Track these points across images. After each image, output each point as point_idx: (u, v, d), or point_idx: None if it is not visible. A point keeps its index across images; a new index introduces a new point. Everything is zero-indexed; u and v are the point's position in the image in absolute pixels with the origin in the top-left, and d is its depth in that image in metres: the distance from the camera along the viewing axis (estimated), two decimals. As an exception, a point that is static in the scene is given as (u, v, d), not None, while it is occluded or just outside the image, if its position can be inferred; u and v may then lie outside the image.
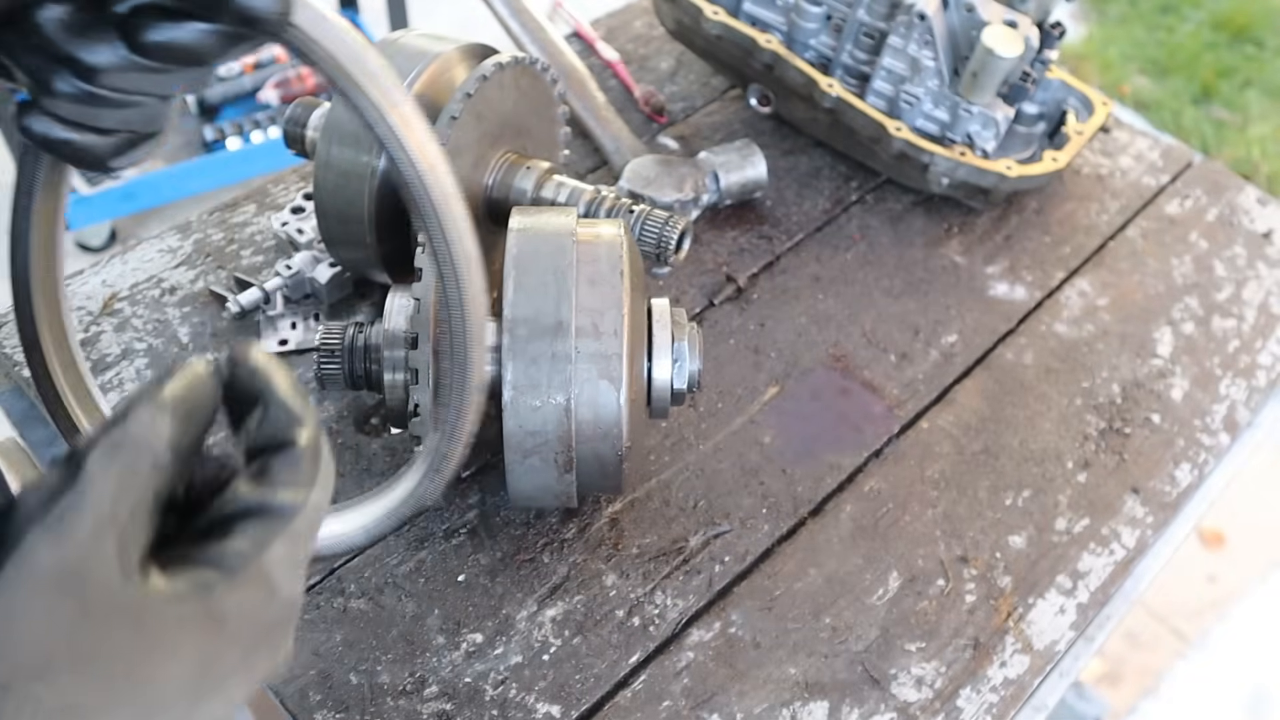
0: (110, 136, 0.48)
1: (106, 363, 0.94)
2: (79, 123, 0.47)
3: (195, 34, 0.45)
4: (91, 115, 0.47)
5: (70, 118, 0.47)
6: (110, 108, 0.47)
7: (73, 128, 0.47)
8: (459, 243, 0.50)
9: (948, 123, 1.11)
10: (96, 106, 0.46)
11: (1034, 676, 0.83)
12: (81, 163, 0.48)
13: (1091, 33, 3.46)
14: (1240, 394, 1.05)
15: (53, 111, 0.47)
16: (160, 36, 0.44)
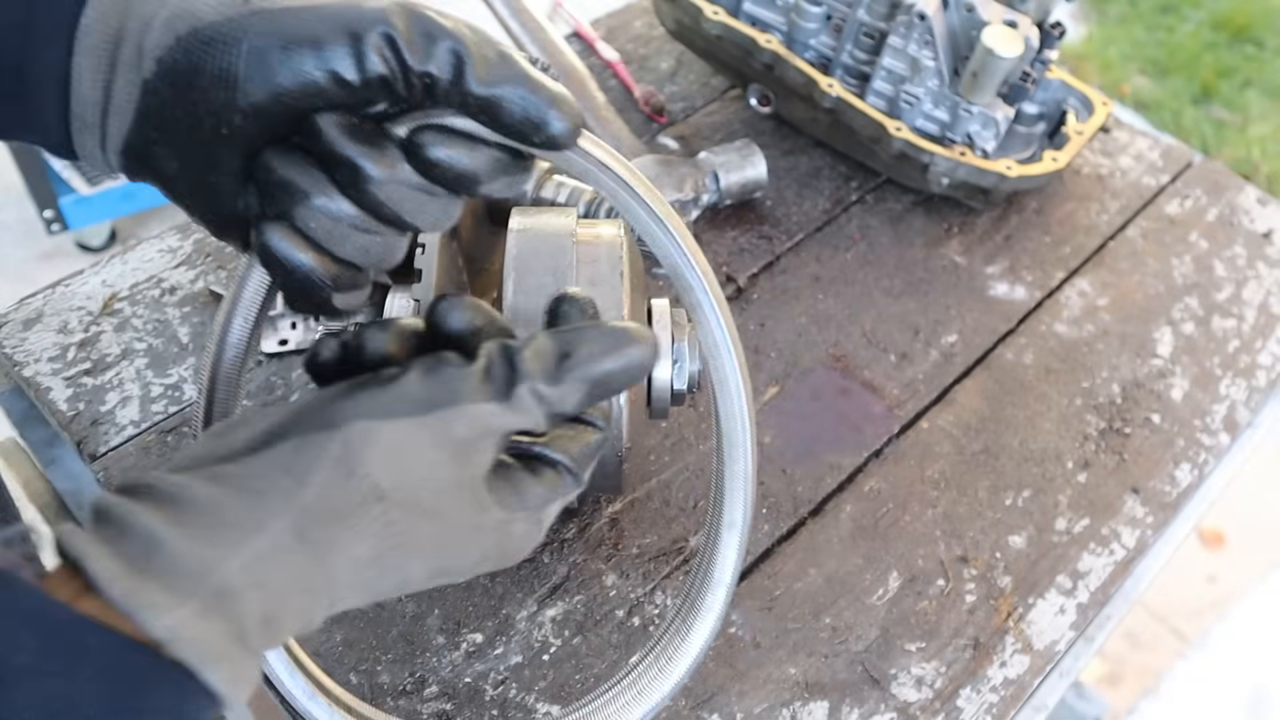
0: (342, 269, 0.46)
1: (106, 363, 0.94)
2: (321, 245, 0.44)
3: (484, 155, 0.45)
4: (339, 236, 0.44)
5: (316, 237, 0.44)
6: (360, 231, 0.45)
7: (313, 250, 0.44)
8: (737, 351, 0.52)
9: (948, 123, 1.11)
10: (348, 227, 0.44)
11: (1034, 676, 0.83)
12: (305, 293, 0.46)
13: (1091, 33, 3.46)
14: (1240, 394, 1.05)
15: (300, 228, 0.44)
16: (445, 153, 0.44)
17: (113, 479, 0.86)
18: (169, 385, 0.93)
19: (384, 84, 0.43)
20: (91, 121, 0.46)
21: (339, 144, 0.43)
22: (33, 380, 0.92)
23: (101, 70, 0.45)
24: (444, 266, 0.77)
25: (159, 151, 0.45)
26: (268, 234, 0.45)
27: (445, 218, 0.47)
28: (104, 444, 0.88)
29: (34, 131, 0.47)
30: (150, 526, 0.37)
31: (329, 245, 0.45)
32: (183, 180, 0.46)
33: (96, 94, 0.45)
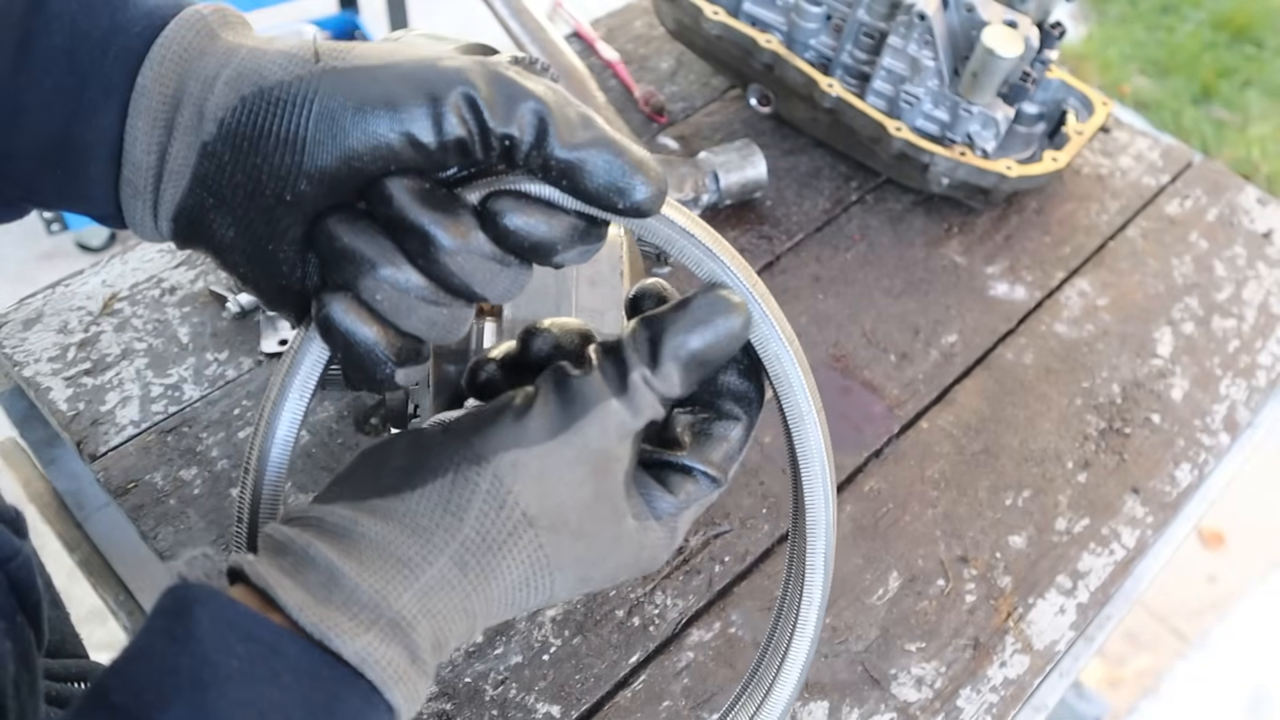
0: (406, 342, 0.44)
1: (106, 363, 0.94)
2: (385, 318, 0.42)
3: (562, 222, 0.43)
4: (406, 309, 0.42)
5: (380, 309, 0.42)
6: (427, 303, 0.42)
7: (378, 323, 0.42)
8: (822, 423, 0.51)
9: (948, 123, 1.11)
10: (415, 299, 0.42)
11: (1034, 676, 0.83)
12: (366, 369, 0.43)
13: (1091, 33, 3.46)
14: (1240, 394, 1.05)
15: (365, 300, 0.42)
16: (522, 220, 0.42)
17: (112, 479, 0.86)
18: (169, 385, 0.93)
19: (461, 147, 0.41)
20: (144, 187, 0.44)
21: (410, 210, 0.41)
22: (33, 380, 0.92)
23: (157, 133, 0.43)
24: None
25: (214, 219, 0.44)
26: (331, 306, 0.42)
27: (515, 288, 0.44)
28: (104, 444, 0.88)
29: (82, 200, 0.46)
30: (329, 561, 0.39)
31: (393, 318, 0.42)
32: (238, 249, 0.44)
33: (151, 159, 0.43)
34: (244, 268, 0.45)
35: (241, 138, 0.42)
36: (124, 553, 1.00)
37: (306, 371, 0.46)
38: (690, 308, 0.45)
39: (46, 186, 0.45)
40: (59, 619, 0.53)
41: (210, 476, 0.87)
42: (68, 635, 0.53)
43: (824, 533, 0.51)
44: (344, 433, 0.91)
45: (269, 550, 0.41)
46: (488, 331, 0.79)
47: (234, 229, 0.44)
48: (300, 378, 0.46)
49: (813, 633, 0.52)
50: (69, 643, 0.52)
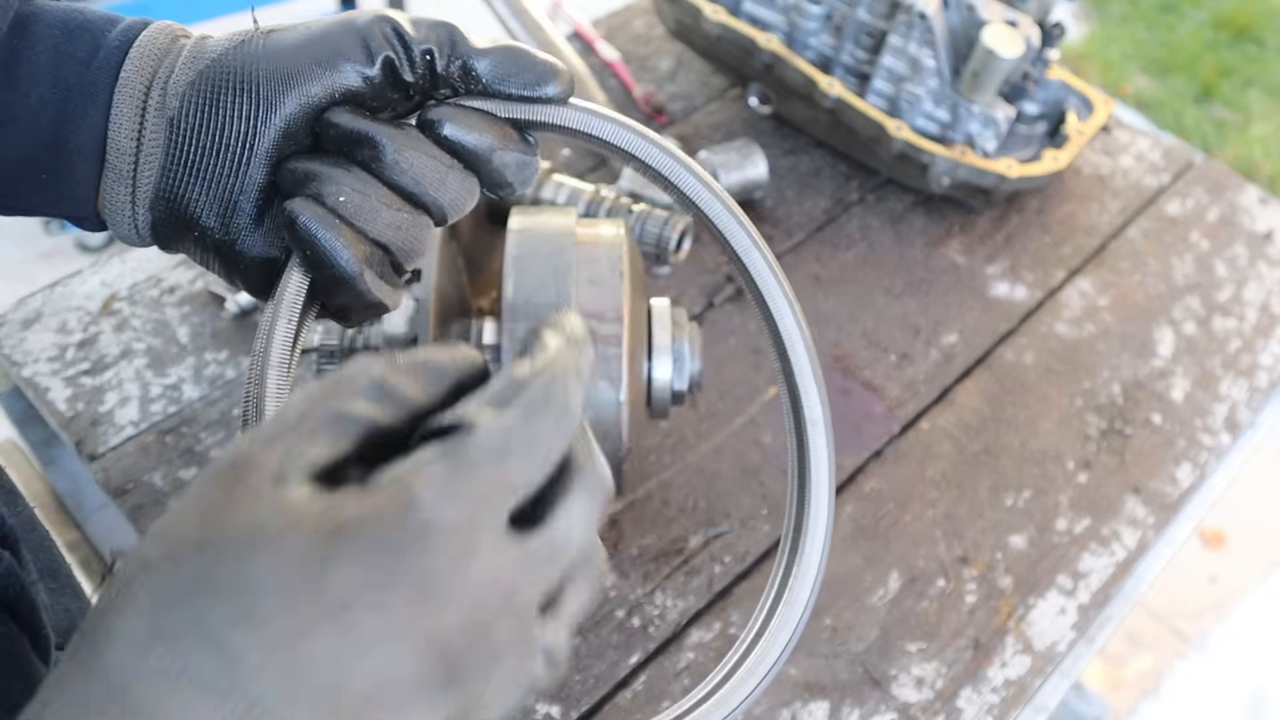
0: (373, 250, 0.47)
1: (105, 363, 0.94)
2: (351, 222, 0.46)
3: (493, 127, 0.48)
4: (369, 212, 0.46)
5: (345, 213, 0.46)
6: (387, 207, 0.46)
7: (344, 225, 0.46)
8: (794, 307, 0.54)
9: (948, 122, 1.11)
10: (375, 201, 0.46)
11: (1035, 677, 0.83)
12: (338, 279, 0.46)
13: (1092, 32, 3.45)
14: (1241, 394, 1.05)
15: (329, 206, 0.46)
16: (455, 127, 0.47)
17: (111, 479, 0.86)
18: (168, 385, 0.93)
19: (392, 70, 0.47)
20: (124, 170, 0.48)
21: (357, 124, 0.46)
22: (32, 380, 0.92)
23: (135, 117, 0.48)
24: (444, 266, 0.77)
25: (188, 187, 0.48)
26: (295, 208, 0.46)
27: (465, 195, 0.48)
28: (103, 444, 0.88)
29: (65, 201, 0.49)
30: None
31: (358, 221, 0.46)
32: (213, 213, 0.48)
33: (131, 142, 0.48)
34: (219, 234, 0.48)
35: (204, 103, 0.47)
36: (123, 553, 1.00)
37: (291, 296, 0.48)
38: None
39: (30, 192, 0.49)
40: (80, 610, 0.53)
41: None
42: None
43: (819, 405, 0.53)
44: (343, 433, 0.91)
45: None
46: (488, 330, 0.79)
47: (206, 193, 0.48)
48: (287, 303, 0.48)
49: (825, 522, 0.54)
50: None
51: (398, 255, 0.48)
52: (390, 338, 0.77)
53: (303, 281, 0.48)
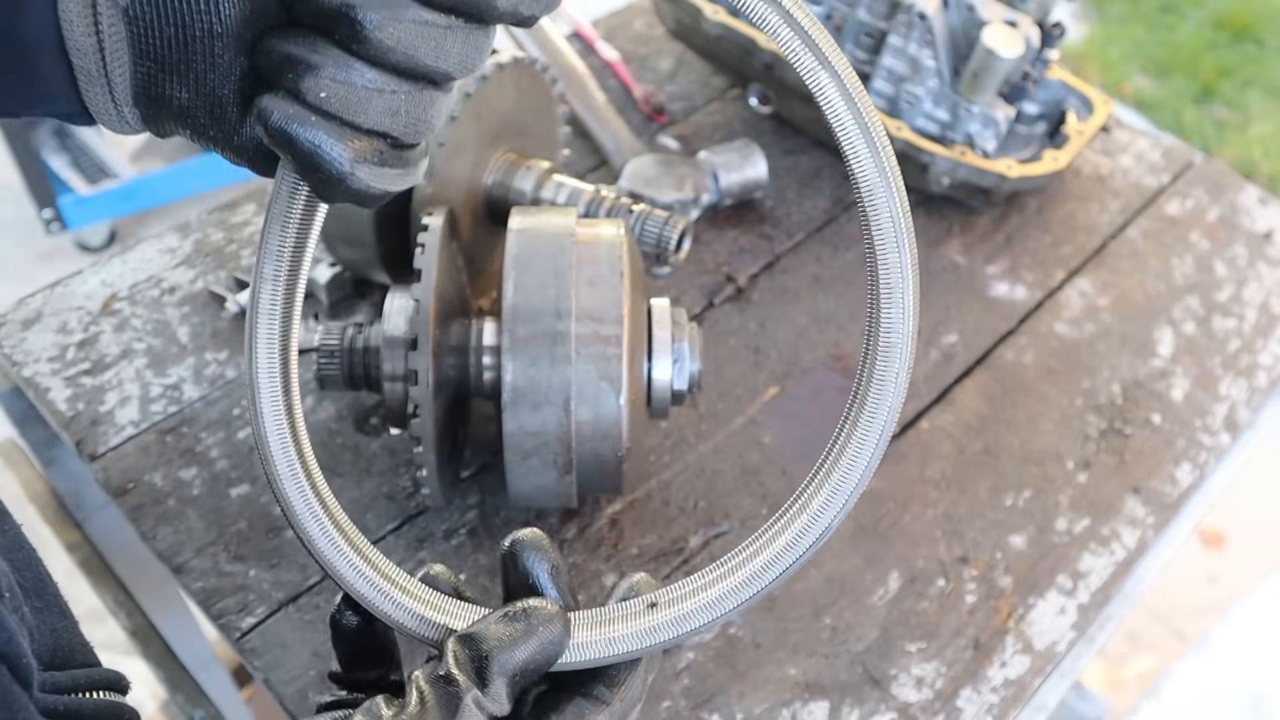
0: (371, 141, 0.42)
1: (106, 363, 0.94)
2: (336, 114, 0.40)
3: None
4: (358, 103, 0.40)
5: (330, 109, 0.40)
6: (379, 92, 0.40)
7: (325, 122, 0.40)
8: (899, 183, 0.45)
9: (948, 122, 1.11)
10: (364, 90, 0.40)
11: (1034, 677, 0.83)
12: (321, 170, 0.41)
13: (1092, 32, 3.45)
14: (1241, 394, 1.05)
15: (309, 100, 0.40)
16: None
17: (111, 479, 0.86)
18: (168, 385, 0.93)
19: None
20: (94, 72, 0.44)
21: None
22: (32, 380, 0.92)
23: (86, 14, 0.43)
24: (444, 266, 0.77)
25: (165, 83, 0.43)
26: (265, 106, 0.41)
27: (474, 53, 0.42)
28: (103, 444, 0.88)
29: (45, 99, 0.45)
30: None
31: (349, 116, 0.40)
32: (200, 110, 0.43)
33: (90, 40, 0.43)
34: (213, 130, 0.44)
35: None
36: (123, 553, 1.00)
37: (285, 198, 0.45)
38: (509, 620, 0.45)
39: (13, 90, 0.45)
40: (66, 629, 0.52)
41: (210, 477, 0.87)
42: (76, 645, 0.52)
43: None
44: (344, 432, 0.91)
45: None
46: (487, 330, 0.79)
47: (186, 89, 0.43)
48: (280, 206, 0.45)
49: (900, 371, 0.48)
50: (78, 653, 0.51)
51: (401, 138, 0.42)
52: (390, 338, 0.77)
53: (296, 182, 0.44)
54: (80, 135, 2.50)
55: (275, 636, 0.78)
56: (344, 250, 0.94)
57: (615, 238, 0.77)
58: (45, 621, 0.50)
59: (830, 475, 0.50)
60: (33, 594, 0.51)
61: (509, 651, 0.44)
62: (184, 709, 0.97)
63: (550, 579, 0.48)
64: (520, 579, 0.48)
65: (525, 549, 0.48)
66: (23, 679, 0.44)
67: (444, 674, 0.43)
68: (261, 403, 0.46)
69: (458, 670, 0.43)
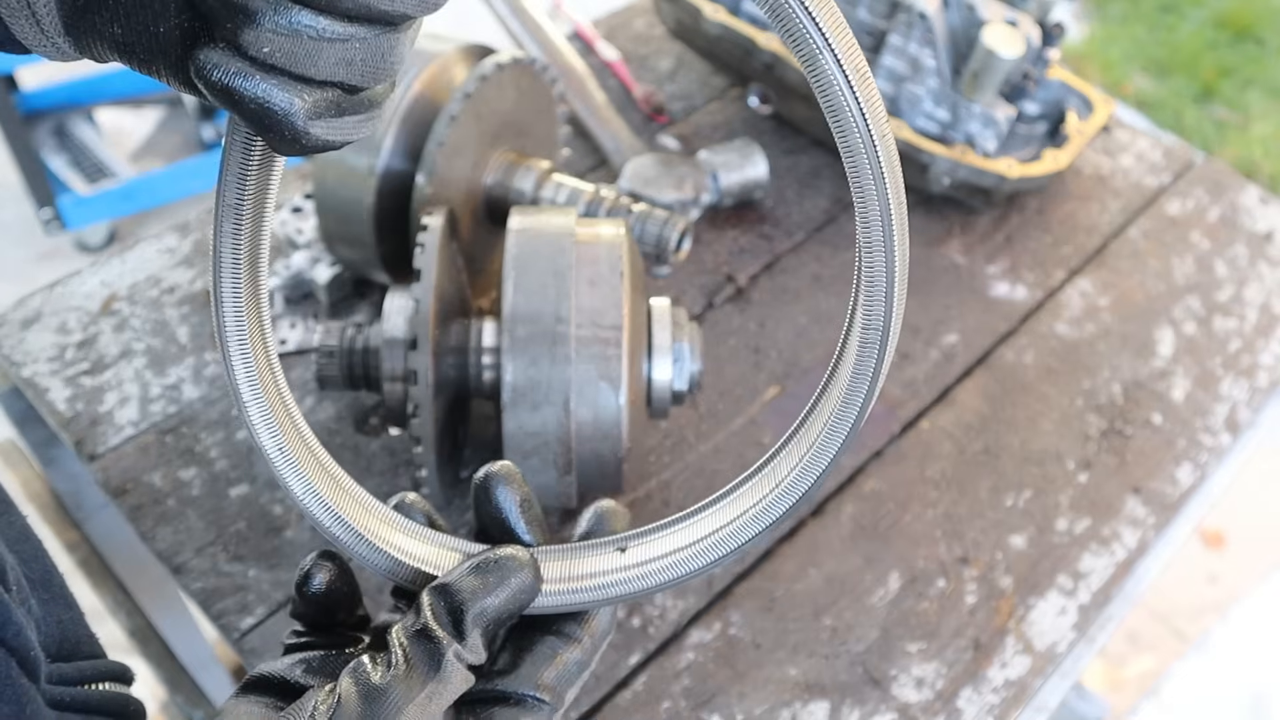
0: (324, 93, 0.37)
1: (105, 363, 0.94)
2: (284, 69, 0.36)
3: None
4: (307, 54, 0.35)
5: (277, 63, 0.35)
6: (329, 41, 0.35)
7: (272, 77, 0.36)
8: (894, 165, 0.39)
9: (948, 122, 1.11)
10: (310, 40, 0.35)
11: (1035, 677, 0.83)
12: (273, 130, 0.37)
13: (1093, 32, 3.45)
14: (1242, 394, 1.05)
15: (251, 54, 0.35)
16: None
17: (111, 479, 0.86)
18: (168, 385, 0.93)
19: None
20: (14, 3, 0.39)
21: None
22: (31, 380, 0.92)
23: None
24: (444, 266, 0.76)
25: (95, 17, 0.38)
26: (204, 61, 0.36)
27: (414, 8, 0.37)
28: (103, 444, 0.88)
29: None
30: None
31: (299, 69, 0.36)
32: (136, 42, 0.39)
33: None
34: (158, 63, 0.39)
35: None
36: (123, 553, 1.00)
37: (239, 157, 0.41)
38: (481, 570, 0.46)
39: None
40: (72, 620, 0.52)
41: (209, 477, 0.87)
42: (82, 637, 0.52)
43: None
44: (343, 433, 0.91)
45: None
46: (487, 330, 0.79)
47: (118, 24, 0.38)
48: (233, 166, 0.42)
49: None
50: (84, 645, 0.51)
51: (360, 85, 0.38)
52: (390, 338, 0.77)
53: (249, 137, 0.40)
54: (80, 135, 2.50)
55: (275, 636, 0.78)
56: (344, 250, 0.94)
57: (615, 238, 0.77)
58: (52, 613, 0.51)
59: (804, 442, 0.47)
60: (39, 586, 0.51)
61: (482, 601, 0.45)
62: (184, 709, 0.97)
63: (520, 512, 0.49)
64: (492, 512, 0.49)
65: (497, 481, 0.49)
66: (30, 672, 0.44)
67: (422, 628, 0.44)
68: (226, 326, 0.45)
69: (436, 624, 0.43)
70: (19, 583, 0.47)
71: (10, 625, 0.43)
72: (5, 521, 0.50)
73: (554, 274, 0.74)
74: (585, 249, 0.76)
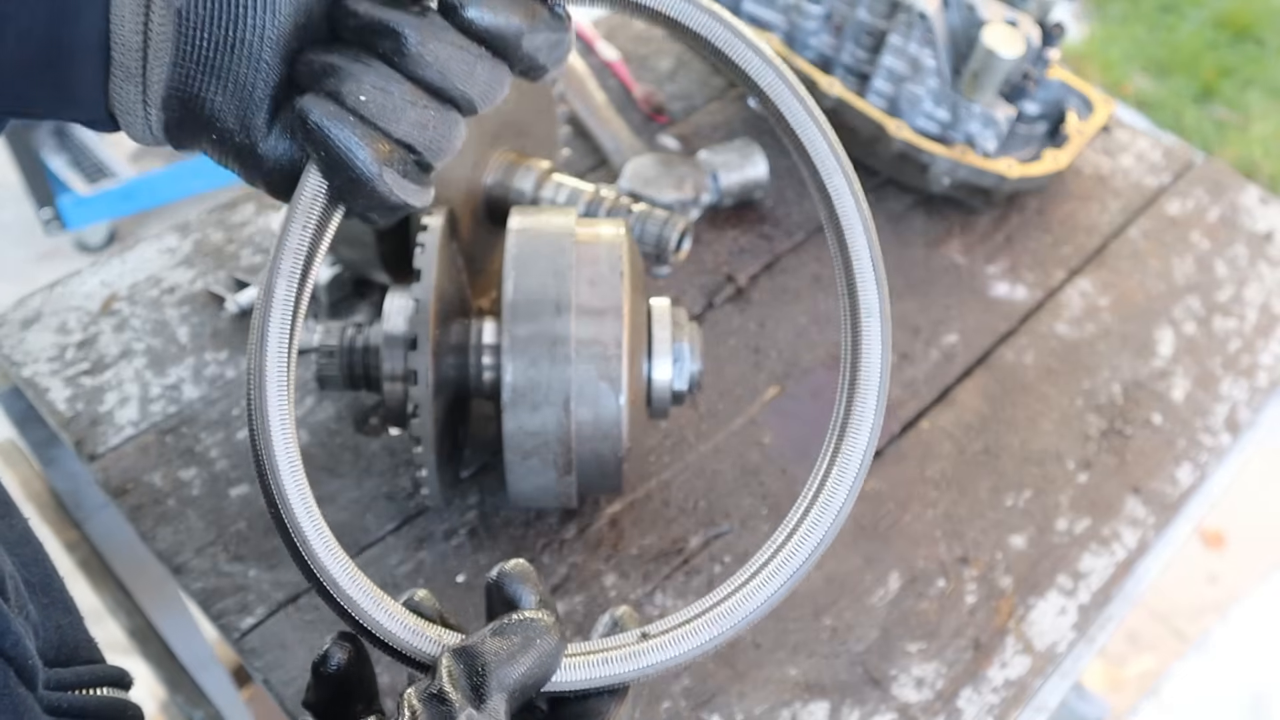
0: (395, 149, 0.44)
1: (105, 363, 0.94)
2: (371, 120, 0.43)
3: (520, 5, 0.44)
4: (392, 111, 0.43)
5: (367, 114, 0.43)
6: (412, 105, 0.44)
7: (361, 124, 0.43)
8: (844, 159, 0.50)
9: (948, 122, 1.11)
10: (399, 100, 0.43)
11: (1035, 677, 0.83)
12: (350, 170, 0.44)
13: (1093, 32, 3.45)
14: (1242, 394, 1.05)
15: (350, 106, 0.43)
16: (480, 9, 0.44)
17: (111, 479, 0.86)
18: (168, 385, 0.93)
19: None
20: (134, 69, 0.45)
21: (376, 11, 0.43)
22: (31, 380, 0.92)
23: (140, 10, 0.44)
24: (444, 266, 0.76)
25: (202, 84, 0.45)
26: (307, 104, 0.43)
27: (495, 85, 0.46)
28: (103, 444, 0.88)
29: (72, 104, 0.47)
30: None
31: (382, 122, 0.44)
32: (230, 112, 0.46)
33: (137, 37, 0.44)
34: (239, 136, 0.46)
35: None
36: (123, 553, 1.00)
37: (309, 200, 0.46)
38: (504, 632, 0.44)
39: (36, 92, 0.46)
40: (71, 625, 0.52)
41: (209, 477, 0.87)
42: (81, 642, 0.51)
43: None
44: (343, 433, 0.91)
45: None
46: (487, 330, 0.79)
47: (221, 92, 0.45)
48: (303, 208, 0.46)
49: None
50: (82, 649, 0.51)
51: (425, 154, 0.45)
52: (390, 337, 0.77)
53: (320, 184, 0.46)
54: (80, 136, 2.50)
55: (275, 637, 0.78)
56: (344, 250, 0.94)
57: (615, 238, 0.77)
58: (50, 618, 0.50)
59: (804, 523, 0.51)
60: (39, 590, 0.51)
61: (506, 666, 0.43)
62: (184, 709, 0.97)
63: (537, 605, 0.47)
64: (506, 605, 0.47)
65: (511, 580, 0.47)
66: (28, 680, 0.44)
67: (436, 691, 0.42)
68: (268, 401, 0.46)
69: (451, 687, 0.41)
70: (17, 589, 0.46)
71: (9, 635, 0.43)
72: (6, 525, 0.50)
73: (554, 274, 0.74)
74: (585, 249, 0.76)
